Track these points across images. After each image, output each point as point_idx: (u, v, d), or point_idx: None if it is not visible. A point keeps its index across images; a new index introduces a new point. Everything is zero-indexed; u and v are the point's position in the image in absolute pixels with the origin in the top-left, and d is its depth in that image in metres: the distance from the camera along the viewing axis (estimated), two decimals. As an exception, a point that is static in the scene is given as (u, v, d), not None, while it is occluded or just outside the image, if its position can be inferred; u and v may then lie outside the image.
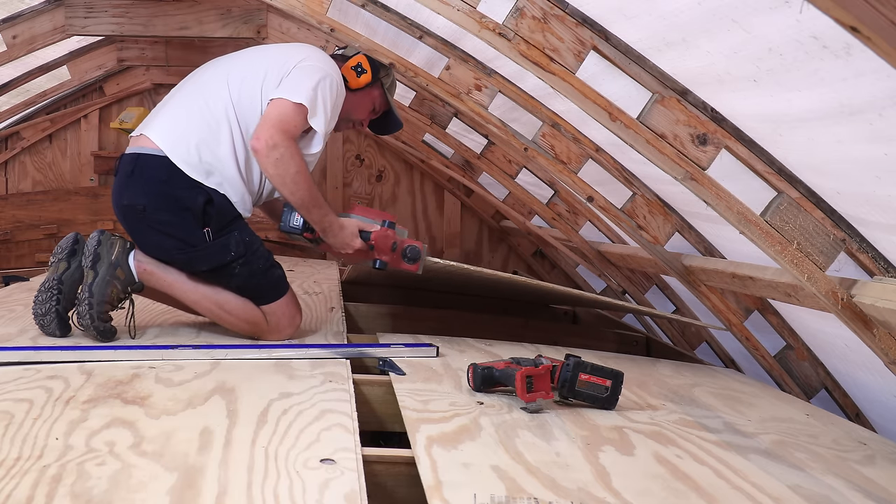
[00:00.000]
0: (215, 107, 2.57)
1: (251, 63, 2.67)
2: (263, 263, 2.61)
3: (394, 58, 3.40)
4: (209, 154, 2.53)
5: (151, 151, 2.53)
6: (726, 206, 1.99)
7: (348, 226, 2.64)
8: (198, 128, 2.55)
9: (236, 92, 2.58)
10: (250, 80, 2.59)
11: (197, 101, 2.60)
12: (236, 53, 2.81)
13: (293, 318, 2.66)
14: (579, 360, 2.01)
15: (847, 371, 2.46)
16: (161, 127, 2.59)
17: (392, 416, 2.01)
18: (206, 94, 2.61)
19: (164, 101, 2.73)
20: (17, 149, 5.69)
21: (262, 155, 2.48)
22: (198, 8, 4.69)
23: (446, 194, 5.87)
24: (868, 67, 1.37)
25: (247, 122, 2.56)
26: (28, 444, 1.53)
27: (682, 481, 1.55)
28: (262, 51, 2.80)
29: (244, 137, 2.56)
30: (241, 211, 2.60)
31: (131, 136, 2.68)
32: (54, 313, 2.47)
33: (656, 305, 3.65)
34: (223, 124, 2.55)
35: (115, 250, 2.54)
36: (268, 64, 2.62)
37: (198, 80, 2.71)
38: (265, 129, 2.48)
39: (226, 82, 2.60)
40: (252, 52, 2.80)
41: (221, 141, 2.54)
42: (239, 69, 2.65)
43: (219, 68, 2.70)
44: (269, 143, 2.47)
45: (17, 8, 4.15)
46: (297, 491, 1.36)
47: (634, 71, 2.07)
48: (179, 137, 2.54)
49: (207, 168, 2.53)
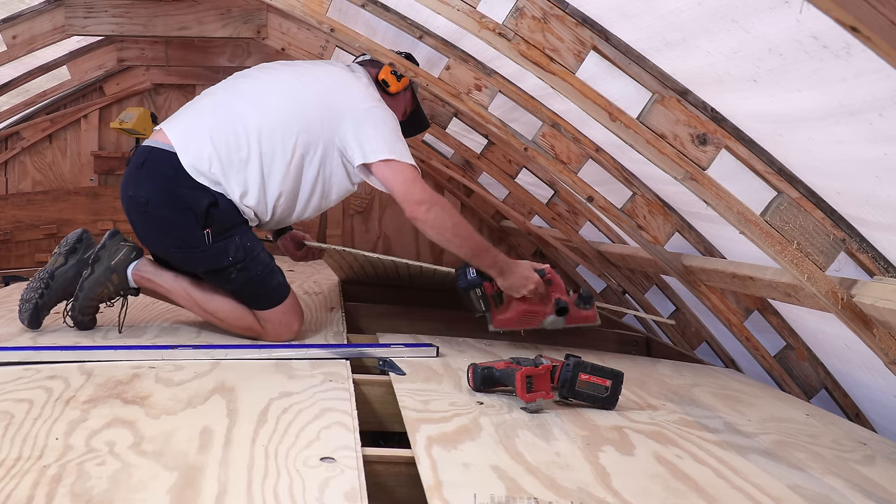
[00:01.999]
0: (241, 138, 2.51)
1: (294, 102, 2.58)
2: (262, 270, 2.58)
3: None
4: (219, 170, 2.49)
5: (165, 147, 2.52)
6: (726, 206, 1.99)
7: (521, 262, 2.63)
8: (216, 142, 2.49)
9: (268, 135, 2.52)
10: (291, 123, 2.53)
11: (224, 118, 2.54)
12: (276, 75, 2.71)
13: (290, 326, 2.62)
14: (579, 360, 2.01)
15: (847, 371, 2.46)
16: (181, 126, 2.57)
17: (392, 416, 2.01)
18: (235, 117, 2.54)
19: (196, 100, 2.71)
20: (17, 149, 5.68)
21: (421, 220, 2.51)
22: (198, 8, 4.69)
23: (446, 194, 5.87)
24: (868, 67, 1.37)
25: (270, 163, 2.52)
26: (28, 444, 1.53)
27: (682, 481, 1.55)
28: (303, 85, 2.66)
29: (263, 178, 2.52)
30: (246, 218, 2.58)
31: (156, 129, 2.66)
32: (32, 304, 2.50)
33: (656, 305, 3.65)
34: (244, 158, 2.50)
35: (118, 257, 2.55)
36: (320, 104, 2.56)
37: (233, 93, 2.65)
38: (405, 195, 2.50)
39: (257, 119, 2.53)
40: (293, 83, 2.67)
41: (232, 171, 2.49)
42: (275, 108, 2.56)
43: (258, 93, 2.62)
44: (421, 206, 2.49)
45: (17, 8, 4.14)
46: (298, 489, 1.36)
47: (634, 71, 2.07)
48: (194, 142, 2.50)
49: (214, 179, 2.50)
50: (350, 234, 5.78)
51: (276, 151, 2.53)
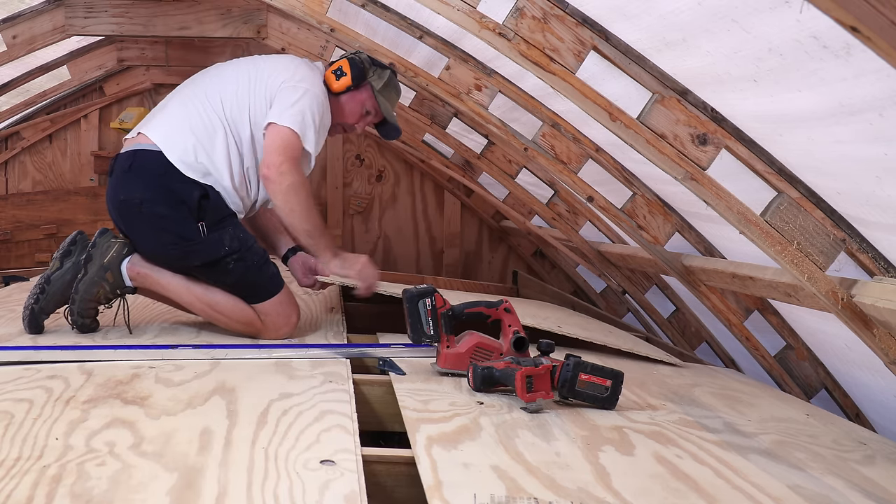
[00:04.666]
0: (211, 114, 2.62)
1: (243, 76, 2.71)
2: (258, 260, 2.62)
3: (394, 58, 3.40)
4: (205, 157, 2.58)
5: (148, 147, 2.57)
6: (726, 206, 1.99)
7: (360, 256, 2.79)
8: (194, 131, 2.59)
9: (229, 103, 2.63)
10: (242, 94, 2.64)
11: (195, 106, 2.64)
12: (232, 62, 2.86)
13: (289, 317, 2.65)
14: (579, 360, 2.01)
15: (847, 371, 2.46)
16: (159, 126, 2.63)
17: (392, 416, 2.01)
18: (202, 100, 2.65)
19: (162, 103, 2.77)
20: (17, 149, 5.68)
21: (275, 183, 2.56)
22: (198, 8, 4.69)
23: (446, 194, 5.87)
24: (868, 67, 1.37)
25: (238, 134, 2.63)
26: (28, 444, 1.53)
27: (682, 481, 1.55)
28: (255, 63, 2.80)
29: (238, 148, 2.62)
30: (234, 210, 2.64)
31: (126, 138, 2.69)
32: (29, 311, 2.52)
33: (656, 305, 3.66)
34: (219, 131, 2.60)
35: (110, 254, 2.55)
36: (258, 79, 2.67)
37: (195, 85, 2.75)
38: (272, 157, 2.55)
39: (219, 93, 2.65)
40: (246, 64, 2.81)
41: (216, 147, 2.59)
42: (232, 81, 2.69)
43: (215, 77, 2.75)
44: (279, 171, 2.55)
45: (17, 8, 4.14)
46: (297, 492, 1.36)
47: (634, 71, 2.07)
48: (176, 137, 2.58)
49: (203, 170, 2.57)
50: (350, 235, 5.78)
51: (239, 122, 2.62)
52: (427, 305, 2.26)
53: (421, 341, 2.28)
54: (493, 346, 2.28)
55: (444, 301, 2.28)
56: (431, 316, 2.26)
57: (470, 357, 2.24)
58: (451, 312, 2.28)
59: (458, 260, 5.93)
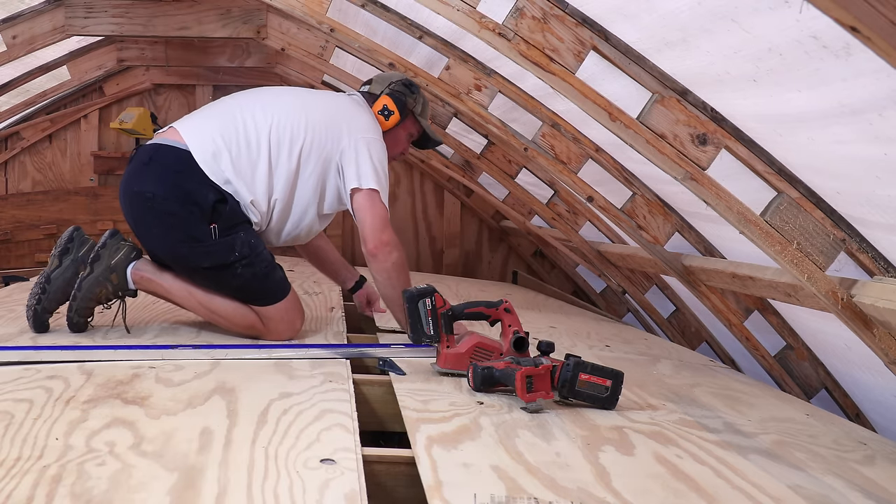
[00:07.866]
0: (258, 133, 2.58)
1: (299, 110, 2.65)
2: (266, 267, 2.59)
3: (393, 58, 3.41)
4: (230, 167, 2.53)
5: (174, 143, 2.55)
6: (726, 206, 1.99)
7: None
8: (226, 137, 2.55)
9: (278, 130, 2.59)
10: (297, 127, 2.60)
11: (243, 118, 2.60)
12: (291, 91, 2.95)
13: (293, 323, 2.64)
14: (579, 360, 2.01)
15: (847, 371, 2.47)
16: (193, 126, 2.61)
17: (392, 416, 2.01)
18: (252, 115, 2.61)
19: (207, 106, 2.80)
20: (17, 149, 5.69)
21: (381, 262, 2.60)
22: (198, 8, 4.69)
23: (446, 194, 5.88)
24: (868, 67, 1.37)
25: (278, 161, 2.58)
26: (28, 444, 1.53)
27: (682, 481, 1.55)
28: (316, 100, 2.79)
29: (271, 172, 2.58)
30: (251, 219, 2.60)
31: (157, 132, 2.69)
32: (32, 311, 2.52)
33: (656, 305, 3.66)
34: (262, 153, 2.57)
35: (118, 256, 2.55)
36: (320, 121, 2.64)
37: (249, 99, 2.73)
38: (376, 235, 2.59)
39: (273, 115, 2.61)
40: (307, 97, 2.80)
41: (258, 167, 2.56)
42: (287, 110, 2.64)
43: (272, 98, 2.74)
44: (387, 250, 2.60)
45: (17, 8, 4.15)
46: (298, 491, 1.36)
47: (634, 71, 2.07)
48: (207, 139, 2.54)
49: (224, 178, 2.52)
50: (350, 235, 5.77)
51: (281, 155, 2.58)
52: (427, 305, 2.26)
53: (421, 341, 2.29)
54: (493, 346, 2.28)
55: (444, 301, 2.28)
56: (431, 316, 2.26)
57: (470, 357, 2.25)
58: (451, 312, 2.28)
59: (457, 260, 5.93)
